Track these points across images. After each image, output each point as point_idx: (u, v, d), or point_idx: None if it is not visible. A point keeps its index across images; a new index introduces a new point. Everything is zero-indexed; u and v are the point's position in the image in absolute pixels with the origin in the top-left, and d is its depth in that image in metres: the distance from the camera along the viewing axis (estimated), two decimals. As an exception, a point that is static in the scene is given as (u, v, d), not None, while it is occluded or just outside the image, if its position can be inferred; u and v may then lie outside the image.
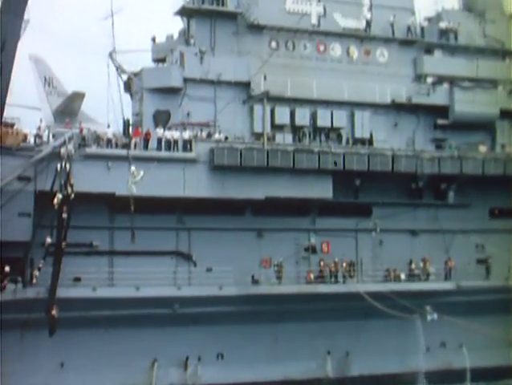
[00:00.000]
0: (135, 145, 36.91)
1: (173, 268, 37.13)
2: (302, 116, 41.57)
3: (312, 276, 39.00)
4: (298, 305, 37.32)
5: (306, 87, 41.47)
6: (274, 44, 42.15)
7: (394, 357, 39.38)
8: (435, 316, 38.67)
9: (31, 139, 35.80)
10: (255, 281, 37.79)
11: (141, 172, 34.25)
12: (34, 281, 33.88)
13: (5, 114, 34.94)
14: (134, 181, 34.16)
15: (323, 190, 38.81)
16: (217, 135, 38.89)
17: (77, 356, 35.11)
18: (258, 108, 40.55)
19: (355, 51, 43.72)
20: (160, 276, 35.78)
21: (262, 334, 37.72)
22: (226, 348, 37.53)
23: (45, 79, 44.05)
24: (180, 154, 37.20)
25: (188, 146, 37.54)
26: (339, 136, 42.38)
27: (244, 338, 37.52)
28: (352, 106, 42.56)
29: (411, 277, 40.36)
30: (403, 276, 40.33)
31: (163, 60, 42.74)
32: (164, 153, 37.03)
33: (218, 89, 40.47)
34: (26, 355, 34.36)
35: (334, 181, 38.91)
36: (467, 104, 43.77)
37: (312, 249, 40.07)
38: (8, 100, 34.68)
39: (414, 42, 44.82)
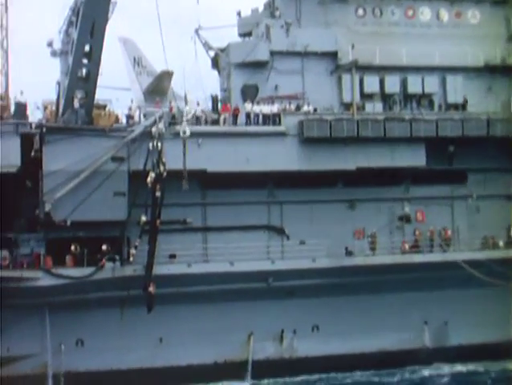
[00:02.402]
0: (224, 121, 37.26)
1: (266, 242, 37.33)
2: (392, 84, 40.78)
3: (407, 246, 38.58)
4: (392, 275, 36.94)
5: (395, 53, 40.58)
6: (360, 12, 41.41)
7: (493, 326, 38.47)
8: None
9: (123, 120, 36.58)
10: (349, 253, 37.67)
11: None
12: (131, 259, 34.66)
13: (96, 96, 35.78)
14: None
15: (415, 158, 38.18)
16: (305, 108, 38.63)
17: (175, 331, 35.91)
18: (346, 78, 40.02)
19: (445, 14, 42.50)
20: (253, 250, 36.07)
21: (357, 305, 37.59)
22: (321, 320, 37.61)
23: (134, 60, 44.68)
24: (269, 128, 37.22)
25: (277, 119, 37.51)
26: (431, 102, 41.44)
27: (339, 309, 37.51)
28: (444, 70, 41.46)
29: (509, 244, 39.33)
30: (501, 243, 39.42)
31: (249, 34, 42.55)
32: (253, 128, 37.16)
33: (305, 61, 40.09)
34: (126, 331, 35.37)
35: (427, 148, 38.20)
36: None
37: (406, 219, 39.54)
38: (99, 82, 35.55)
39: (507, 1, 43.09)
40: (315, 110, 38.81)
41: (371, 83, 40.57)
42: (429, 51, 41.13)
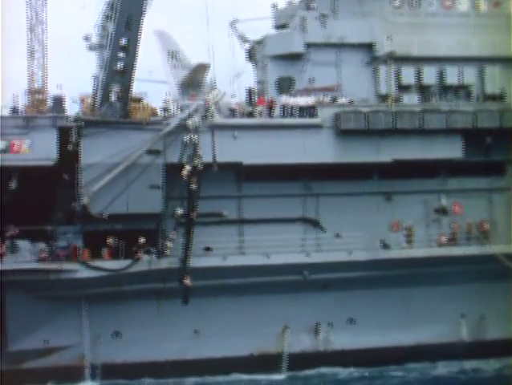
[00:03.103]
0: (259, 113, 37.21)
1: (302, 234, 37.28)
2: (429, 75, 40.34)
3: (444, 238, 38.31)
4: (429, 268, 36.80)
5: (432, 44, 40.17)
6: (397, 3, 41.02)
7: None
8: None
9: (159, 113, 36.80)
10: (385, 246, 37.50)
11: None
12: (167, 251, 34.83)
13: (133, 89, 36.03)
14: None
15: (452, 150, 37.84)
16: (341, 100, 38.40)
17: (210, 323, 36.14)
18: (382, 69, 39.73)
19: (483, 4, 41.95)
20: (288, 243, 36.11)
21: (393, 298, 37.48)
22: (357, 313, 37.56)
23: (170, 53, 44.78)
24: (304, 120, 37.13)
25: (313, 112, 37.37)
26: (468, 94, 40.97)
27: (375, 302, 37.44)
28: (481, 61, 40.91)
29: (548, 237, 38.96)
30: (540, 236, 39.08)
31: (285, 26, 42.34)
32: (288, 120, 37.09)
33: (341, 52, 39.81)
34: (162, 323, 35.65)
35: (464, 140, 37.81)
36: None
37: (443, 211, 39.17)
38: (135, 76, 35.71)
39: (547, -10, 42.64)
40: (351, 102, 38.52)
41: (408, 75, 40.16)
42: (467, 42, 40.68)
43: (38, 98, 36.37)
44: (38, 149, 33.56)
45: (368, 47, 40.09)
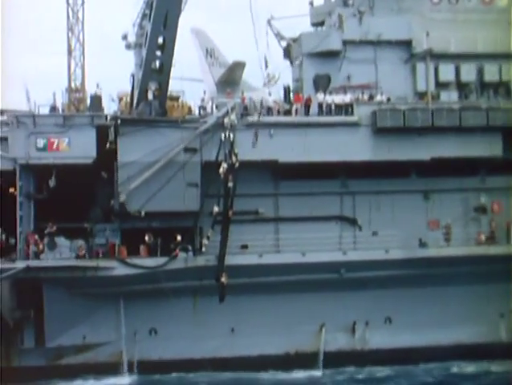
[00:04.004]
0: (296, 111, 37.16)
1: (338, 233, 37.15)
2: (468, 72, 39.88)
3: (483, 237, 37.90)
4: (467, 267, 36.33)
5: (470, 41, 39.73)
6: (435, -1, 40.75)
7: None
8: None
9: (196, 111, 36.93)
10: (423, 244, 37.21)
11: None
12: (204, 249, 34.96)
13: (170, 87, 36.19)
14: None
15: (492, 148, 37.35)
16: (378, 97, 38.19)
17: (246, 321, 36.10)
18: (420, 66, 39.34)
19: (523, -1, 41.45)
20: (325, 241, 35.94)
21: (431, 297, 37.08)
22: (394, 312, 37.26)
23: (206, 51, 44.86)
24: (341, 118, 36.92)
25: (350, 109, 37.19)
26: (508, 91, 40.30)
27: (412, 301, 37.06)
28: (521, 58, 40.56)
29: None
30: None
31: (321, 24, 42.28)
32: (325, 118, 36.92)
33: (379, 49, 39.54)
34: (199, 321, 35.74)
35: (503, 138, 37.32)
36: None
37: (482, 210, 38.75)
38: (172, 74, 35.87)
39: None
40: (389, 99, 38.27)
41: (447, 72, 39.76)
42: (507, 38, 40.13)
43: (76, 96, 36.83)
44: (77, 147, 33.88)
45: (406, 44, 39.71)
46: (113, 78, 38.49)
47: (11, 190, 35.06)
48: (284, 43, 42.50)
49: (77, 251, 34.12)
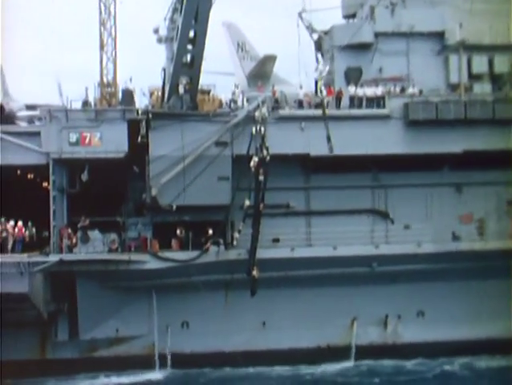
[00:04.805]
0: (327, 104, 36.97)
1: (370, 226, 36.96)
2: (502, 63, 39.37)
3: (517, 230, 37.56)
4: (501, 261, 35.81)
5: (504, 32, 39.22)
6: (469, -10, 40.30)
7: None
8: None
9: (227, 105, 36.91)
10: (456, 238, 36.92)
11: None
12: (235, 243, 34.97)
13: (201, 81, 36.21)
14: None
15: (526, 140, 37.08)
16: (410, 90, 37.89)
17: (278, 315, 36.13)
18: (453, 58, 39.02)
19: (559, -11, 40.85)
20: (357, 235, 35.84)
21: (464, 291, 36.79)
22: (427, 306, 37.06)
23: (238, 45, 44.85)
24: (373, 111, 36.71)
25: (382, 102, 36.94)
26: (543, 82, 40.08)
27: (445, 295, 36.81)
28: (557, 49, 39.99)
29: None
30: None
31: (353, 16, 42.07)
32: (357, 111, 36.72)
33: (411, 41, 39.25)
34: (230, 314, 35.82)
35: (538, 130, 37.03)
36: None
37: (516, 203, 38.49)
38: (203, 68, 35.90)
39: None
40: (421, 92, 37.95)
41: (480, 63, 39.35)
42: (541, 29, 39.74)
43: (108, 91, 37.01)
44: (109, 142, 34.01)
45: (439, 36, 39.39)
46: (145, 72, 38.66)
47: (44, 184, 35.47)
48: (315, 36, 42.30)
49: (110, 245, 34.28)
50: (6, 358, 33.00)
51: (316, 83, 38.49)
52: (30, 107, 40.25)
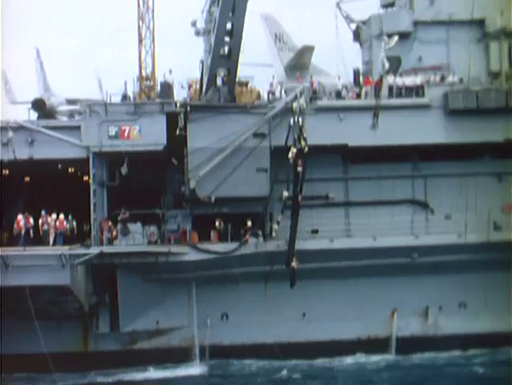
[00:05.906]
0: (366, 94, 36.77)
1: (410, 216, 36.63)
2: (544, 51, 39.03)
3: (561, 220, 37.02)
4: (544, 251, 35.57)
5: (546, 18, 38.77)
6: (510, -24, 39.70)
7: None
8: None
9: (265, 96, 36.92)
10: (497, 228, 36.42)
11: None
12: (274, 234, 35.00)
13: (239, 73, 36.22)
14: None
15: None
16: (450, 78, 37.47)
17: (317, 306, 36.01)
18: (494, 46, 38.52)
19: None
20: (396, 225, 35.59)
21: (506, 282, 35.83)
22: (468, 297, 36.70)
23: (275, 36, 44.86)
24: (412, 100, 36.38)
25: (421, 91, 36.58)
26: None
27: (487, 287, 36.44)
28: None
29: None
30: None
31: (391, 5, 41.60)
32: (396, 100, 36.39)
33: (451, 29, 38.84)
34: (270, 306, 35.81)
35: None
36: None
37: (559, 192, 37.89)
38: (241, 60, 35.95)
39: None
40: (461, 80, 37.52)
41: (521, 51, 38.95)
42: None
43: (147, 84, 37.24)
44: (148, 135, 34.16)
45: (479, 24, 38.86)
46: (183, 65, 38.80)
47: (85, 178, 35.82)
48: (353, 26, 42.06)
49: (149, 237, 34.49)
50: (49, 350, 33.19)
51: (354, 72, 38.29)
52: (71, 102, 40.80)
